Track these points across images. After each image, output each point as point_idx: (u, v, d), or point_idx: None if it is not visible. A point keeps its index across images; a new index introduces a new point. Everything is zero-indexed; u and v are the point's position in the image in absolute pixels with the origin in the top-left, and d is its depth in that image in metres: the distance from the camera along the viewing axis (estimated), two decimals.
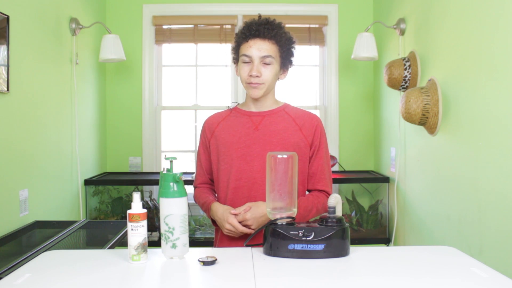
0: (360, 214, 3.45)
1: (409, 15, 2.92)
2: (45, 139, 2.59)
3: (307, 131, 1.67)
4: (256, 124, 1.68)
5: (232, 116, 1.73)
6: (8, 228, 2.17)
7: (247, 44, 1.62)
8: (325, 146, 1.71)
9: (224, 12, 3.71)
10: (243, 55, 1.63)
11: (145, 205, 3.37)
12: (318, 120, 1.70)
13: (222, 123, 1.72)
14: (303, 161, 1.66)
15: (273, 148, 1.63)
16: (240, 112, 1.73)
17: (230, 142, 1.67)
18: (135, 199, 1.29)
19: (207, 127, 1.75)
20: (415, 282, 1.14)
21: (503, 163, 1.85)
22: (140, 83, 3.70)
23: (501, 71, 1.87)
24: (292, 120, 1.68)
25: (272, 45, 1.61)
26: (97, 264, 1.27)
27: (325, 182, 1.69)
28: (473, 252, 2.07)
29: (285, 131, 1.66)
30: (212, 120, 1.76)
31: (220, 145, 1.69)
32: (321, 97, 3.82)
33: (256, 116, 1.69)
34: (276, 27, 1.63)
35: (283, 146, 1.63)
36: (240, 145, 1.65)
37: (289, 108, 1.73)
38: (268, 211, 1.39)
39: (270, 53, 1.61)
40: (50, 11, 2.66)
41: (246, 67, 1.63)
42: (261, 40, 1.61)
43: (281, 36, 1.63)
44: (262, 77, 1.61)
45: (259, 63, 1.61)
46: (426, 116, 2.42)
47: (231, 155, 1.66)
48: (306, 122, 1.68)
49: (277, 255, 1.32)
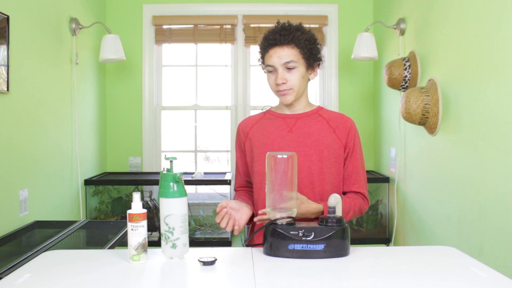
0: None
1: (409, 15, 2.92)
2: (45, 139, 2.59)
3: (341, 133, 1.67)
4: (290, 126, 1.68)
5: (266, 118, 1.74)
6: (8, 228, 2.17)
7: (268, 54, 1.63)
8: (359, 147, 1.70)
9: (224, 12, 3.71)
10: (267, 66, 1.65)
11: (145, 205, 3.37)
12: (352, 122, 1.71)
13: (256, 125, 1.73)
14: (338, 163, 1.65)
15: (307, 150, 1.62)
16: (274, 114, 1.73)
17: (264, 143, 1.67)
18: (135, 199, 1.29)
19: (241, 130, 1.75)
20: (415, 282, 1.14)
21: (503, 163, 1.85)
22: (140, 83, 3.71)
23: (501, 71, 1.87)
24: (326, 122, 1.68)
25: (292, 49, 1.61)
26: (97, 264, 1.27)
27: (360, 183, 1.68)
28: (473, 252, 2.07)
29: (319, 133, 1.66)
30: (246, 122, 1.76)
31: (254, 147, 1.69)
32: (321, 97, 3.82)
33: (290, 118, 1.70)
34: (293, 30, 1.63)
35: (317, 148, 1.63)
36: (274, 146, 1.65)
37: (323, 110, 1.74)
38: (268, 211, 1.39)
39: (291, 58, 1.61)
40: (50, 11, 2.66)
41: (272, 77, 1.65)
42: (279, 47, 1.61)
43: (299, 39, 1.62)
44: (288, 82, 1.62)
45: (282, 70, 1.62)
46: (426, 116, 2.42)
47: (264, 156, 1.65)
48: (340, 124, 1.68)
49: (277, 255, 1.32)
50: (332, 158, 1.62)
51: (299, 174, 1.58)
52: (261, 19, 3.71)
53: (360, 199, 1.67)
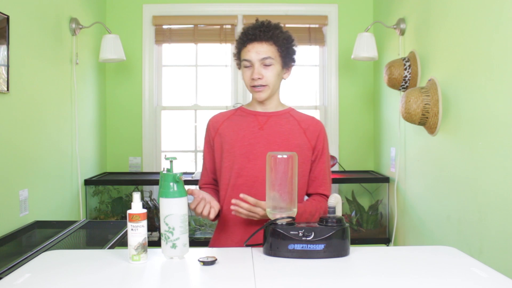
0: (360, 214, 3.45)
1: (409, 15, 2.92)
2: (45, 139, 2.59)
3: (310, 135, 1.69)
4: (262, 124, 1.69)
5: (237, 115, 1.74)
6: (8, 228, 2.17)
7: (246, 49, 1.64)
8: (327, 151, 1.73)
9: (224, 12, 3.71)
10: (244, 60, 1.65)
11: (145, 205, 3.37)
12: (322, 126, 1.74)
13: (226, 121, 1.74)
14: (305, 164, 1.67)
15: (276, 148, 1.64)
16: (246, 111, 1.74)
17: (234, 139, 1.68)
18: (135, 199, 1.29)
19: (212, 125, 1.76)
20: (415, 282, 1.14)
21: (503, 163, 1.85)
22: (140, 83, 3.71)
23: (501, 71, 1.87)
24: (297, 123, 1.70)
25: (270, 46, 1.63)
26: (97, 264, 1.27)
27: (326, 186, 1.71)
28: (473, 252, 2.07)
29: (290, 132, 1.68)
30: (216, 118, 1.77)
31: (224, 143, 1.69)
32: (321, 97, 3.82)
33: (261, 116, 1.71)
34: (273, 28, 1.65)
35: (287, 147, 1.65)
36: (244, 143, 1.66)
37: (294, 111, 1.76)
38: (268, 211, 1.39)
39: (269, 55, 1.62)
40: (50, 11, 2.66)
41: (247, 72, 1.65)
42: (258, 43, 1.63)
43: (278, 36, 1.64)
44: (264, 78, 1.63)
45: (259, 66, 1.63)
46: (426, 116, 2.42)
47: (234, 152, 1.66)
48: (310, 126, 1.71)
49: (277, 255, 1.32)
50: (301, 158, 1.63)
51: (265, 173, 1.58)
52: (261, 19, 3.70)
53: (325, 202, 1.70)
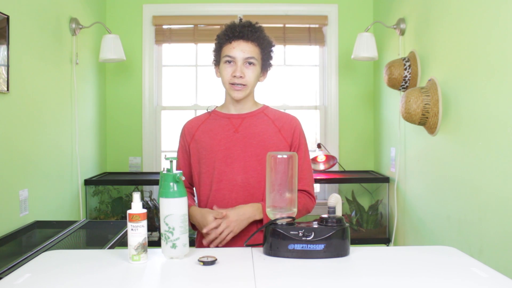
0: (360, 214, 3.45)
1: (409, 15, 2.92)
2: (45, 139, 2.59)
3: (286, 133, 1.69)
4: (236, 127, 1.69)
5: (211, 119, 1.74)
6: (8, 228, 2.17)
7: (231, 45, 1.64)
8: (304, 146, 1.72)
9: (224, 12, 3.70)
10: (226, 56, 1.64)
11: (145, 205, 3.37)
12: (297, 122, 1.73)
13: (201, 126, 1.73)
14: None
15: (253, 150, 1.64)
16: (219, 114, 1.74)
17: (211, 145, 1.68)
18: (135, 199, 1.29)
19: (187, 131, 1.75)
20: (415, 282, 1.14)
21: (503, 163, 1.85)
22: (140, 83, 3.70)
23: (501, 71, 1.87)
24: (271, 122, 1.70)
25: (255, 47, 1.64)
26: (97, 264, 1.27)
27: (306, 181, 1.70)
28: (473, 252, 2.07)
29: (265, 133, 1.68)
30: (191, 123, 1.77)
31: (201, 148, 1.69)
32: (321, 97, 3.82)
33: (235, 118, 1.71)
34: (258, 30, 1.67)
35: (263, 148, 1.65)
36: (221, 147, 1.66)
37: (268, 110, 1.75)
38: (268, 211, 1.39)
39: (253, 55, 1.63)
40: (50, 11, 2.66)
41: (229, 68, 1.64)
42: (244, 42, 1.63)
43: (263, 39, 1.66)
44: (245, 78, 1.63)
45: (242, 64, 1.63)
46: (426, 116, 2.42)
47: (212, 157, 1.66)
48: (285, 123, 1.70)
49: (277, 255, 1.32)
50: None
51: (246, 174, 1.62)
52: (261, 19, 3.70)
53: (306, 198, 1.69)
